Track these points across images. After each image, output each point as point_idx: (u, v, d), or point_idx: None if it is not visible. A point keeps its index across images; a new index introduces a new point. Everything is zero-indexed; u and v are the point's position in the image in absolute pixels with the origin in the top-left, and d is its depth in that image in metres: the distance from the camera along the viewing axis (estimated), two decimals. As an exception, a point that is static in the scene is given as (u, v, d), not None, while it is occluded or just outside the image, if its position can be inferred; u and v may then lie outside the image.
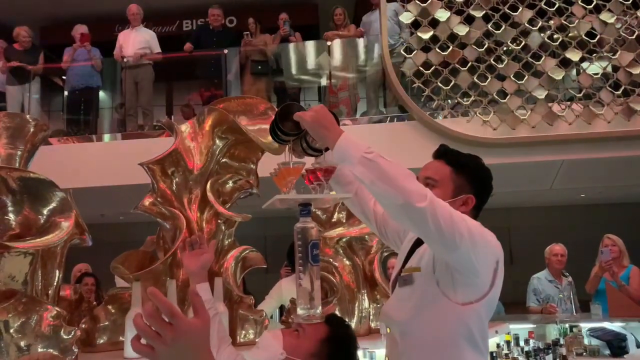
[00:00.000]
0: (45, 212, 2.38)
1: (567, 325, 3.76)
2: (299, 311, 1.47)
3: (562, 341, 3.57)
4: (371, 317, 2.77)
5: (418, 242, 1.71)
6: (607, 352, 3.62)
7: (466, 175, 1.67)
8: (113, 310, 2.44)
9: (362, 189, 1.81)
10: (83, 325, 2.36)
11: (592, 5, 5.91)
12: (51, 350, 2.18)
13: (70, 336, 2.18)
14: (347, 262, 2.79)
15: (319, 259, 1.48)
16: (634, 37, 5.84)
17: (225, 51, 6.86)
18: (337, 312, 2.65)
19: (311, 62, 7.00)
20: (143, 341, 0.93)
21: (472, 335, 1.55)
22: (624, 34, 5.86)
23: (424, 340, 1.57)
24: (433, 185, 1.63)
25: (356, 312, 2.74)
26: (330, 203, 1.81)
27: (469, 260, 1.47)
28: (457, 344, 1.54)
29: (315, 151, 1.67)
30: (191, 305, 0.98)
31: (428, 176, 1.66)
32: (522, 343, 3.42)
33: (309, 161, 1.63)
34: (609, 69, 5.91)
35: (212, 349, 1.68)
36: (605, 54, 5.86)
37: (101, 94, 7.30)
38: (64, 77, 7.27)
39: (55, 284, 2.42)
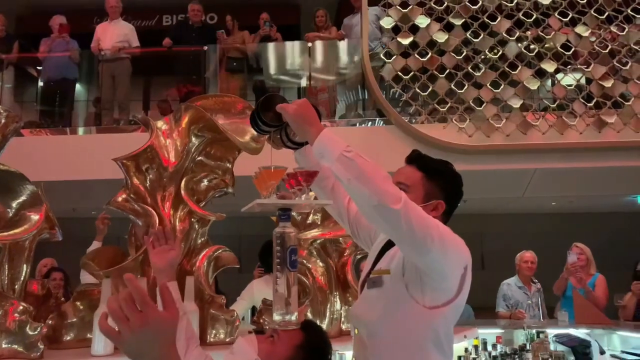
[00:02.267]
0: (14, 205, 2.34)
1: (534, 331, 3.83)
2: (275, 317, 1.46)
3: (528, 346, 3.64)
4: (342, 319, 2.78)
5: (388, 244, 1.72)
6: (572, 358, 3.70)
7: (437, 180, 1.69)
8: (81, 307, 2.40)
9: (338, 185, 1.81)
10: (50, 322, 2.32)
11: (568, 18, 6.05)
12: (16, 347, 2.14)
13: (36, 332, 2.15)
14: (321, 264, 2.80)
15: (297, 264, 1.47)
16: (607, 50, 5.99)
17: (205, 48, 6.82)
18: (308, 314, 2.65)
19: (291, 62, 7.00)
20: (111, 323, 0.94)
21: (439, 338, 1.56)
22: (597, 48, 6.00)
23: (392, 341, 1.57)
24: (404, 190, 1.61)
25: (327, 314, 2.75)
26: (310, 209, 1.82)
27: (439, 264, 1.49)
28: (424, 346, 1.55)
29: (295, 144, 1.66)
30: (161, 300, 0.99)
31: (400, 181, 1.67)
32: (489, 348, 3.47)
33: (290, 163, 1.63)
34: (583, 81, 6.05)
35: (180, 349, 1.67)
36: (579, 66, 5.99)
37: (77, 86, 7.18)
38: (39, 68, 7.13)
39: (22, 278, 2.38)
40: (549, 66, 5.99)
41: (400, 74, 5.96)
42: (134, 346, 0.95)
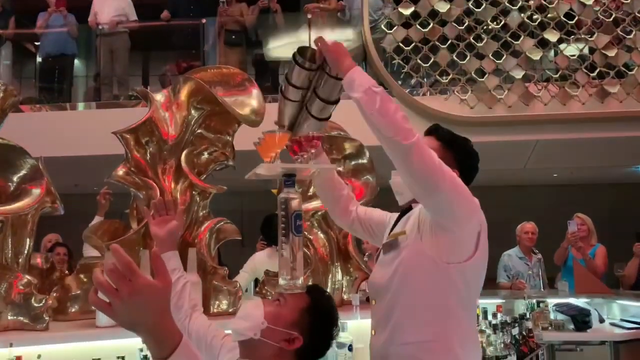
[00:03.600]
0: (15, 179, 2.35)
1: (534, 301, 3.86)
2: (280, 282, 1.47)
3: (528, 315, 3.68)
4: (344, 289, 2.81)
5: (401, 215, 1.76)
6: (572, 326, 3.74)
7: (454, 151, 1.72)
8: (85, 280, 2.43)
9: (346, 198, 1.92)
10: (54, 294, 2.34)
11: (572, -14, 5.94)
12: (21, 318, 2.18)
13: (41, 304, 2.18)
14: (322, 235, 2.82)
15: (302, 229, 1.48)
16: (611, 19, 5.90)
17: (204, 21, 6.73)
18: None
19: (291, 35, 6.92)
20: (101, 296, 0.93)
21: (461, 295, 1.59)
22: (601, 16, 5.91)
23: (413, 302, 1.60)
24: None
25: (329, 285, 2.78)
26: (313, 175, 1.82)
27: (449, 205, 1.52)
28: (446, 304, 1.58)
29: (321, 115, 1.67)
30: (153, 268, 0.98)
31: None
32: (490, 317, 3.51)
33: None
34: (586, 50, 5.98)
35: (184, 316, 1.69)
36: (582, 35, 5.92)
37: (76, 61, 7.12)
38: (37, 43, 7.06)
39: (25, 252, 2.40)
40: (552, 36, 5.91)
41: (401, 45, 5.89)
42: (126, 316, 0.94)
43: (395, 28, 5.95)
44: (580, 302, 3.97)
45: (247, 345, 1.43)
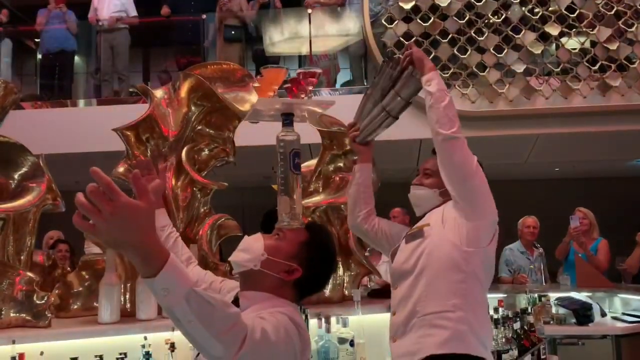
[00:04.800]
0: (16, 176, 2.35)
1: (536, 295, 3.87)
2: (280, 221, 1.55)
3: (530, 310, 3.68)
4: (345, 284, 2.81)
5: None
6: (573, 320, 3.75)
7: None
8: (87, 276, 2.43)
9: (368, 214, 2.20)
10: (56, 291, 2.35)
11: (573, -21, 5.91)
12: (24, 315, 2.18)
13: (43, 301, 2.18)
14: (323, 231, 2.81)
15: (300, 168, 1.55)
16: (612, 12, 5.87)
17: (204, 16, 6.72)
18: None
19: (291, 30, 6.90)
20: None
21: (477, 275, 1.86)
22: (603, 10, 5.88)
23: (435, 278, 1.84)
24: (429, 175, 2.03)
25: (331, 280, 2.77)
26: (312, 116, 1.95)
27: (477, 194, 1.84)
28: (465, 279, 1.83)
29: (399, 114, 1.98)
30: (134, 189, 0.99)
31: (426, 167, 2.06)
32: (491, 311, 3.51)
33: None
34: (587, 44, 5.95)
35: None
36: (584, 29, 5.89)
37: (76, 58, 7.11)
38: (37, 40, 7.05)
39: (27, 249, 2.40)
40: (553, 29, 5.88)
41: (402, 39, 5.87)
42: (110, 235, 0.95)
43: (396, 22, 5.93)
44: (582, 296, 3.97)
45: (248, 277, 1.47)
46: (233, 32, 6.54)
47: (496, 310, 3.52)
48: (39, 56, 7.04)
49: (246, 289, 1.48)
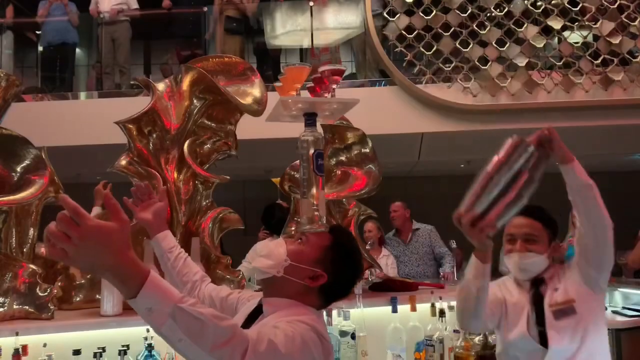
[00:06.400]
0: (18, 169, 2.35)
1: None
2: (303, 224, 1.47)
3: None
4: (347, 278, 2.81)
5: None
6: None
7: (550, 226, 2.05)
8: (89, 269, 2.43)
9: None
10: (59, 283, 2.35)
11: (576, -28, 5.89)
12: (27, 307, 2.19)
13: (46, 293, 2.19)
14: (324, 225, 2.82)
15: (323, 168, 1.48)
16: (615, 6, 5.85)
17: (205, 9, 6.69)
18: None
19: (292, 22, 6.88)
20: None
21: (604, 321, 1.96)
22: (605, 3, 5.86)
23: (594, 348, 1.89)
24: (534, 240, 1.98)
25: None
26: (336, 114, 1.81)
27: (608, 254, 1.88)
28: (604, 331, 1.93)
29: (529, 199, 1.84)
30: (107, 209, 0.99)
31: (528, 233, 2.00)
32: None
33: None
34: (590, 38, 5.93)
35: (194, 288, 1.71)
36: (586, 22, 5.87)
37: (77, 50, 7.10)
38: (38, 32, 7.04)
39: (30, 241, 2.41)
40: (556, 23, 5.87)
41: (404, 32, 5.85)
42: (82, 260, 0.95)
43: (398, 15, 5.91)
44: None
45: (271, 284, 1.42)
46: (234, 24, 6.52)
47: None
48: (40, 48, 7.03)
49: (269, 295, 1.43)
